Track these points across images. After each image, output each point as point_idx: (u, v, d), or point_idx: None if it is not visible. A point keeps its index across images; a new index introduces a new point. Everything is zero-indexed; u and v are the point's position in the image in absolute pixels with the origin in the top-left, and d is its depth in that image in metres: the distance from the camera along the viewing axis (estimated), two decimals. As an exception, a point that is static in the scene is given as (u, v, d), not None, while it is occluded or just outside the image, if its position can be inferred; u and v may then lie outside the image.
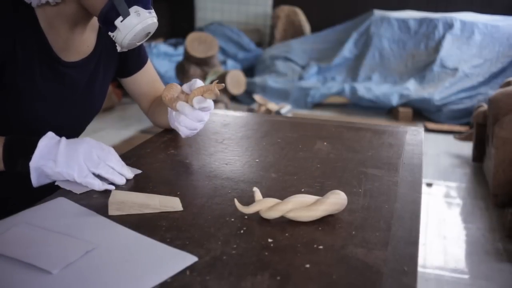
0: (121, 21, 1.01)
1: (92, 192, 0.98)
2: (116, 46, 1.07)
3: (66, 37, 1.11)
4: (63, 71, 1.13)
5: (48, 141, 0.97)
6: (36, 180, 0.98)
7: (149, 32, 1.07)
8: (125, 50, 1.07)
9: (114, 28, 1.02)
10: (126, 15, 1.01)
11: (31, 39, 1.05)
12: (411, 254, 0.80)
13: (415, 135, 1.42)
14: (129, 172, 1.03)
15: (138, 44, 1.08)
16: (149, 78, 1.34)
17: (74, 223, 0.86)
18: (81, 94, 1.19)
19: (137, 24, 1.02)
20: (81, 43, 1.16)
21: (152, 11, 1.06)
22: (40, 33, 1.06)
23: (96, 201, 0.94)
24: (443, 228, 2.74)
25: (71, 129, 1.23)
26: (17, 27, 1.02)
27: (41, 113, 1.11)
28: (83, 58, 1.17)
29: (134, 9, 1.02)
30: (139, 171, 1.07)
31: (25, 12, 1.03)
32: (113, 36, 1.04)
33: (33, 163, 0.96)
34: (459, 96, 4.84)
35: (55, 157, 0.95)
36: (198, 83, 1.15)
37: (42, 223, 0.85)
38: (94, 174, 0.97)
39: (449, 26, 5.50)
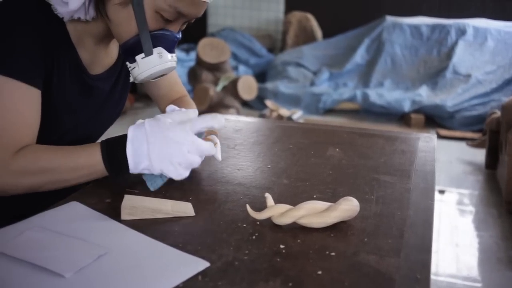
0: (142, 58, 1.01)
1: (104, 196, 0.98)
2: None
3: (92, 51, 1.11)
4: (90, 84, 1.13)
5: (135, 146, 0.96)
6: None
7: (165, 73, 1.07)
8: (137, 82, 1.08)
9: (133, 60, 1.03)
10: (148, 54, 1.01)
11: (64, 54, 1.05)
12: (424, 261, 0.79)
13: (427, 142, 1.41)
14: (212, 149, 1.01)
15: (152, 80, 1.08)
16: (168, 80, 1.34)
17: (87, 227, 0.86)
18: (103, 103, 1.20)
19: (157, 65, 1.02)
20: (105, 56, 1.16)
21: (174, 55, 1.06)
22: (71, 47, 1.07)
23: (108, 206, 0.94)
24: (456, 236, 2.72)
25: (89, 137, 1.24)
26: (53, 42, 1.02)
27: (68, 126, 1.12)
28: (107, 69, 1.17)
29: (157, 50, 1.01)
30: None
31: (58, 26, 1.03)
32: (130, 67, 1.04)
33: (133, 171, 0.97)
34: (471, 102, 4.82)
35: (148, 159, 0.95)
36: (192, 114, 1.10)
37: (55, 227, 0.85)
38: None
39: (461, 32, 5.48)
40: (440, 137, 4.46)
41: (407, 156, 1.28)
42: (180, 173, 0.96)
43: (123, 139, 0.97)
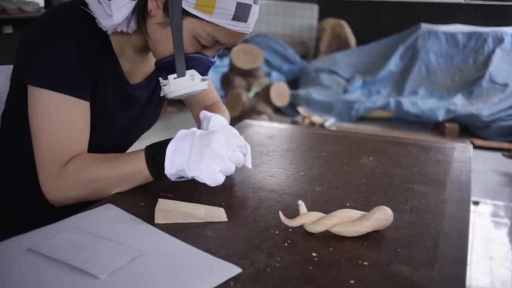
0: (174, 78, 1.03)
1: (139, 200, 0.99)
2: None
3: (133, 60, 1.13)
4: (130, 93, 1.15)
5: (178, 145, 0.97)
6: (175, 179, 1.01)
7: (195, 94, 1.09)
8: (167, 98, 1.09)
9: (166, 78, 1.04)
10: (181, 75, 1.02)
11: (108, 64, 1.07)
12: (459, 274, 0.78)
13: (463, 152, 1.39)
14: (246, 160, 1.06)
15: (181, 98, 1.10)
16: None
17: (121, 230, 0.87)
18: (140, 111, 1.21)
19: (187, 87, 1.04)
20: (145, 64, 1.18)
21: (207, 77, 1.07)
22: (114, 58, 1.09)
23: (143, 209, 0.95)
24: (490, 248, 2.66)
25: (125, 143, 1.26)
26: (98, 54, 1.05)
27: (106, 134, 1.14)
28: (146, 77, 1.19)
29: (190, 73, 1.03)
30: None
31: (102, 38, 1.05)
32: (162, 83, 1.06)
33: (168, 169, 0.97)
34: (508, 112, 4.71)
35: (187, 160, 0.96)
36: (217, 120, 1.13)
37: (91, 229, 0.87)
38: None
39: (499, 40, 5.38)
40: (475, 147, 4.35)
41: (442, 166, 1.26)
42: (217, 180, 0.97)
43: (167, 140, 0.99)
